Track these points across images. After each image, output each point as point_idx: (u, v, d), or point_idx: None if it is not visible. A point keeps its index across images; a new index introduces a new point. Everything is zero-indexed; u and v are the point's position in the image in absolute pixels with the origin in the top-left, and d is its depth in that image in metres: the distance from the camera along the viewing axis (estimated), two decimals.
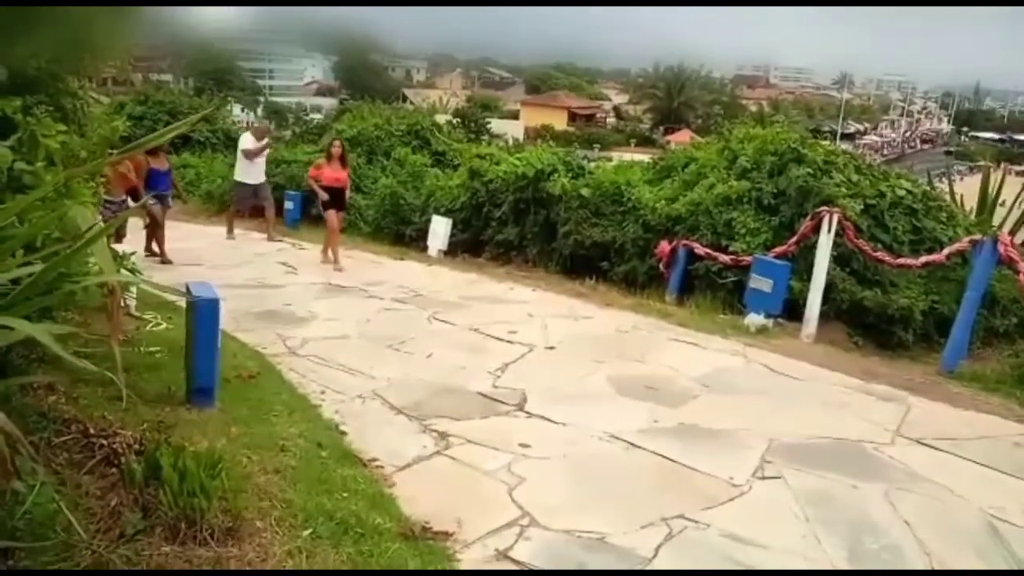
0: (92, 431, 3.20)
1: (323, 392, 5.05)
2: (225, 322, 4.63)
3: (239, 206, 11.78)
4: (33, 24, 2.19)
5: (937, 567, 3.19)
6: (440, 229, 10.91)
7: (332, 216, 9.70)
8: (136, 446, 3.17)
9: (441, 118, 25.19)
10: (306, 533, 3.03)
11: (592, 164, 12.32)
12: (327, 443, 4.11)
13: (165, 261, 9.42)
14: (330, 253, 9.72)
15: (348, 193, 10.25)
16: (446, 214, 11.07)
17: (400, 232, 11.65)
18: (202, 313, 4.17)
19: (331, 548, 2.97)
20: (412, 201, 11.78)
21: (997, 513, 3.71)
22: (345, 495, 3.47)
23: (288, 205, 12.86)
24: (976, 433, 4.81)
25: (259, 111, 53.24)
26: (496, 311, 7.52)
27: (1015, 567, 3.23)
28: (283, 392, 4.91)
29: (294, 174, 13.26)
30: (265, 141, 11.61)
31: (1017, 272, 6.10)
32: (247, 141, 11.39)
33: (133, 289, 7.06)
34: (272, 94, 68.29)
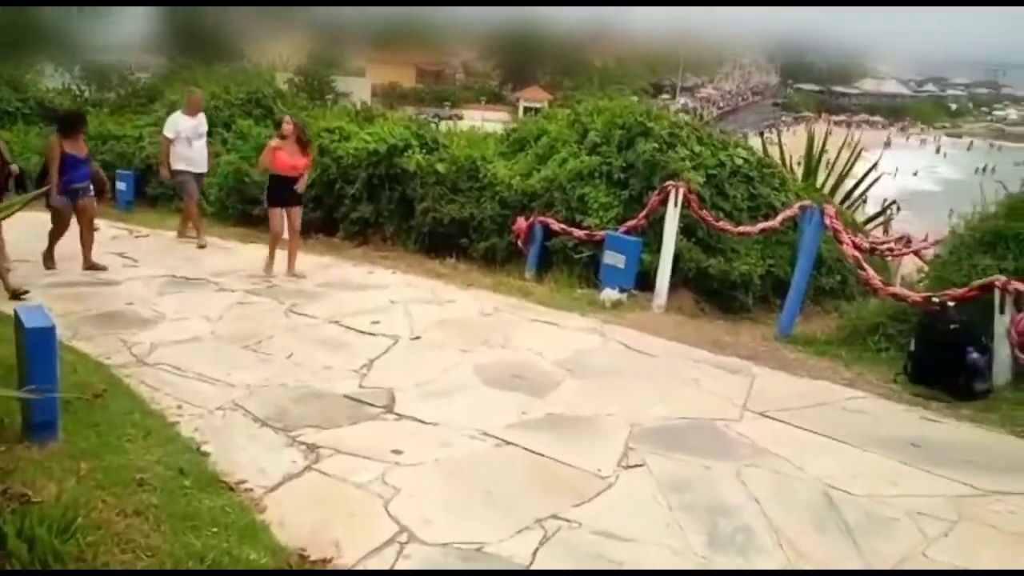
0: None
1: (179, 407, 4.79)
2: (59, 329, 4.20)
3: (193, 197, 9.87)
4: None
5: (784, 543, 3.50)
6: None
7: (276, 216, 8.16)
8: None
9: (282, 76, 23.89)
10: None
11: (444, 125, 12.15)
12: (189, 469, 3.90)
13: (96, 267, 8.09)
14: (275, 263, 8.22)
15: (303, 185, 8.31)
16: None
17: (247, 213, 11.09)
18: (35, 344, 3.83)
19: None
20: (258, 179, 11.23)
21: (830, 482, 4.09)
22: (215, 530, 3.32)
23: (120, 186, 11.96)
24: (811, 401, 5.27)
25: (76, 70, 48.48)
26: (357, 299, 7.39)
27: (848, 534, 3.60)
28: (135, 411, 4.61)
29: (124, 151, 12.33)
30: (200, 118, 9.83)
31: (840, 243, 6.67)
32: (177, 122, 9.57)
33: None
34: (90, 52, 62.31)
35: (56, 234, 8.09)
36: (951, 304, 5.75)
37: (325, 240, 10.08)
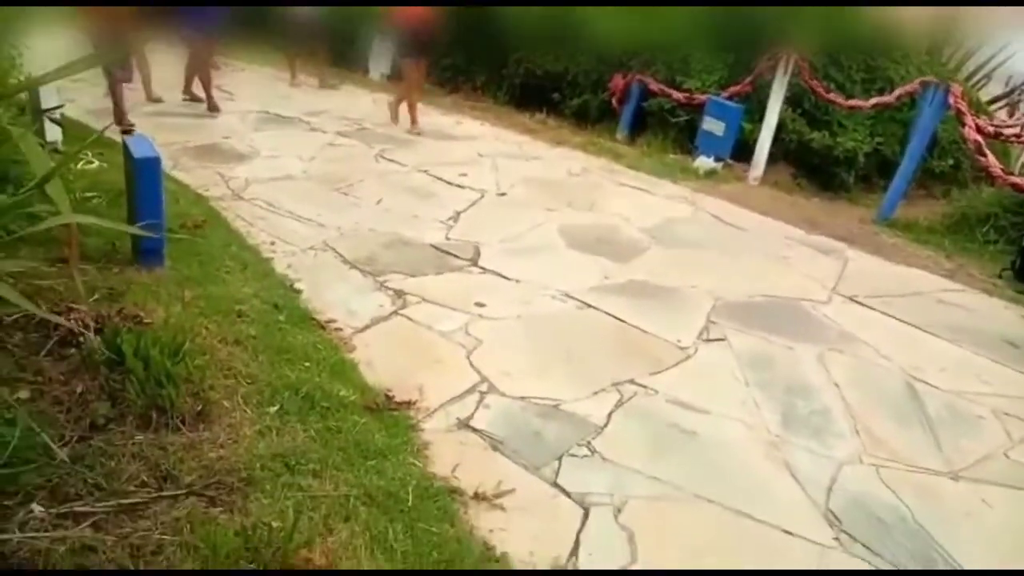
0: (43, 308, 3.13)
1: (273, 243, 4.97)
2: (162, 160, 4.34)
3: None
4: None
5: (861, 430, 3.49)
6: (383, 50, 10.33)
7: (409, 67, 7.93)
8: (93, 324, 3.13)
9: None
10: (273, 410, 3.11)
11: None
12: (283, 304, 4.09)
13: (195, 98, 8.17)
14: (402, 110, 8.05)
15: (429, 36, 7.74)
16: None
17: (339, 51, 10.97)
18: (142, 172, 3.97)
19: (299, 424, 3.05)
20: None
21: (916, 373, 4.01)
22: (307, 364, 3.52)
23: None
24: (905, 289, 5.10)
25: None
26: (445, 149, 7.35)
27: (929, 428, 3.56)
28: (232, 244, 4.81)
29: None
30: None
31: (963, 125, 6.19)
32: None
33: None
34: None
35: (193, 69, 8.16)
36: None
37: None
